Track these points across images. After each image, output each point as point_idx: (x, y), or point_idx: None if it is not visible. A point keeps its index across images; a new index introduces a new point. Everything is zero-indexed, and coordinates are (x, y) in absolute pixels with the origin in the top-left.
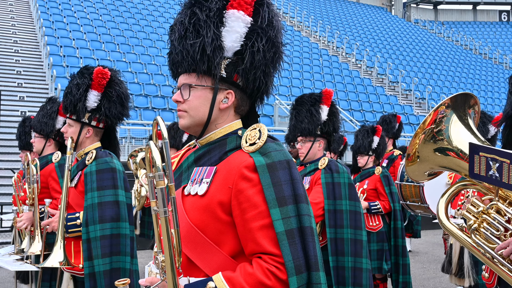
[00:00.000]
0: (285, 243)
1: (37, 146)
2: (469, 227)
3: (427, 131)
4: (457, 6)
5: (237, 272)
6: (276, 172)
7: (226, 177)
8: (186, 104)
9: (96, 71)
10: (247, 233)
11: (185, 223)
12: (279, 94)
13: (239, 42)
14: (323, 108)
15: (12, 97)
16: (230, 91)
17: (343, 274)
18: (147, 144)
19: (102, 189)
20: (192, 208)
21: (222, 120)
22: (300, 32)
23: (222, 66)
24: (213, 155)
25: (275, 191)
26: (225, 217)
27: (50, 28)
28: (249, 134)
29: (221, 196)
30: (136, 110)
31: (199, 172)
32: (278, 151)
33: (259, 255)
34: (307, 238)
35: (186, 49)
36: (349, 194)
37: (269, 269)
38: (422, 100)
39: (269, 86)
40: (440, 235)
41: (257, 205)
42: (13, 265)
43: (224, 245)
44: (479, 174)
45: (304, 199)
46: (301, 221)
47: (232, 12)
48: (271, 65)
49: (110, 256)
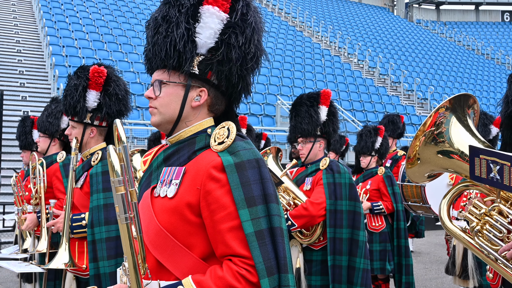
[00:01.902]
0: (255, 244)
1: (42, 145)
2: (471, 229)
3: (427, 133)
4: (460, 6)
5: (207, 276)
6: (244, 171)
7: (194, 177)
8: (157, 100)
9: (92, 70)
10: (216, 235)
11: (154, 226)
12: (281, 94)
13: (213, 38)
14: (322, 109)
15: (15, 97)
16: (203, 89)
17: (340, 272)
18: (107, 148)
19: (108, 191)
20: (161, 210)
21: (193, 118)
22: (302, 32)
23: (195, 63)
24: (182, 154)
25: (243, 191)
26: (195, 218)
27: (53, 28)
28: (218, 132)
29: (190, 198)
30: (138, 110)
31: (168, 173)
32: (247, 149)
33: (229, 258)
34: (277, 239)
35: (158, 44)
36: (349, 194)
37: (239, 272)
38: (424, 101)
39: (246, 85)
40: (442, 236)
41: (225, 206)
42: (18, 266)
43: (195, 248)
44: (480, 176)
45: (274, 199)
46: (271, 221)
47: (207, 8)
48: (247, 64)
49: (115, 258)
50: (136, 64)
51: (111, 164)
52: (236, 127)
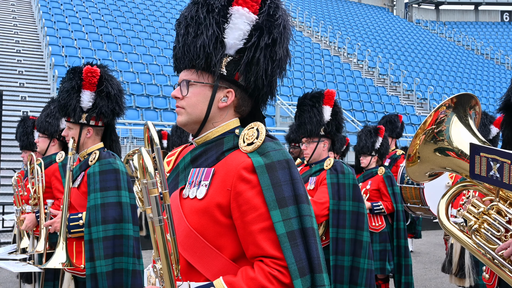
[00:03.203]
0: (287, 245)
1: (41, 146)
2: (469, 228)
3: (427, 131)
4: (459, 6)
5: (239, 277)
6: (275, 172)
7: (224, 179)
8: (184, 100)
9: (85, 70)
10: (247, 236)
11: (184, 227)
12: (280, 94)
13: (242, 39)
14: (326, 109)
15: (14, 97)
16: (230, 89)
17: (342, 273)
18: (139, 150)
19: (105, 190)
20: (190, 211)
21: (220, 119)
22: (302, 32)
23: (223, 63)
24: (210, 155)
25: (274, 192)
26: (225, 219)
27: (52, 28)
28: (247, 133)
29: (220, 199)
30: (138, 110)
31: (196, 174)
32: (277, 150)
33: (261, 259)
34: (309, 239)
35: (187, 44)
36: (353, 194)
37: (271, 273)
38: (424, 101)
39: (273, 87)
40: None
41: (256, 207)
42: (15, 266)
43: (225, 249)
44: (479, 174)
45: (305, 199)
46: (302, 222)
47: (236, 8)
48: (274, 66)
49: (112, 257)
50: (136, 64)
51: (145, 166)
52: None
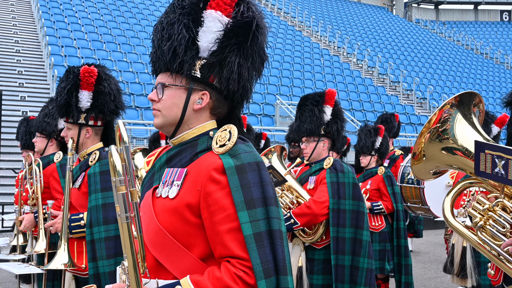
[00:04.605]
0: (253, 246)
1: (39, 145)
2: (475, 225)
3: (432, 130)
4: (458, 6)
5: (205, 276)
6: (245, 174)
7: (195, 179)
8: (160, 103)
9: (82, 70)
10: (215, 236)
11: (154, 225)
12: (280, 94)
13: (215, 42)
14: (327, 108)
15: (14, 97)
16: (205, 92)
17: (342, 272)
18: (109, 148)
19: (106, 190)
20: (162, 210)
21: (195, 121)
22: (301, 32)
23: (197, 66)
24: (184, 156)
25: (243, 193)
26: (194, 219)
27: (52, 28)
28: (220, 135)
29: (190, 199)
30: (137, 110)
31: (170, 174)
32: (247, 152)
33: (227, 259)
34: (276, 241)
35: (161, 48)
36: (353, 194)
37: (237, 273)
38: (423, 100)
39: (248, 89)
40: (441, 235)
41: (225, 208)
42: (17, 268)
43: (194, 248)
44: (484, 171)
45: (274, 202)
46: (270, 224)
47: (209, 12)
48: (248, 68)
49: (115, 257)
50: (135, 64)
51: (113, 164)
52: (239, 130)
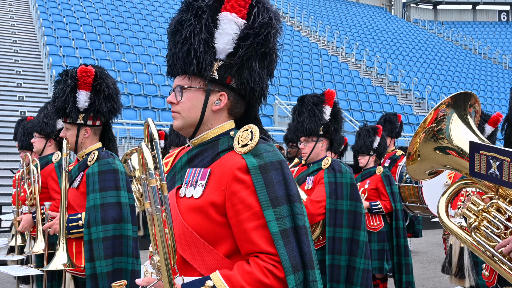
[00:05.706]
0: (280, 243)
1: (38, 146)
2: (469, 225)
3: (427, 130)
4: (457, 6)
5: (235, 270)
6: (268, 173)
7: (219, 179)
8: (179, 105)
9: (79, 70)
10: (242, 234)
11: (179, 224)
12: (278, 94)
13: (231, 44)
14: (326, 109)
15: (12, 97)
16: (223, 93)
17: (338, 272)
18: (139, 145)
19: (104, 190)
20: (186, 209)
21: (214, 121)
22: (300, 32)
23: (214, 68)
24: (206, 156)
25: (268, 192)
26: (219, 217)
27: (50, 28)
28: (241, 135)
29: (215, 198)
30: (136, 110)
31: (193, 174)
32: (270, 152)
33: (256, 254)
34: (301, 237)
35: (177, 51)
36: (351, 194)
37: (267, 267)
38: (422, 100)
39: (265, 88)
40: (439, 235)
41: (251, 207)
42: (16, 270)
43: (219, 245)
44: (479, 172)
45: (298, 199)
46: (295, 220)
47: (225, 14)
48: (264, 67)
49: (112, 258)
50: (134, 64)
51: (144, 159)
52: (259, 129)
